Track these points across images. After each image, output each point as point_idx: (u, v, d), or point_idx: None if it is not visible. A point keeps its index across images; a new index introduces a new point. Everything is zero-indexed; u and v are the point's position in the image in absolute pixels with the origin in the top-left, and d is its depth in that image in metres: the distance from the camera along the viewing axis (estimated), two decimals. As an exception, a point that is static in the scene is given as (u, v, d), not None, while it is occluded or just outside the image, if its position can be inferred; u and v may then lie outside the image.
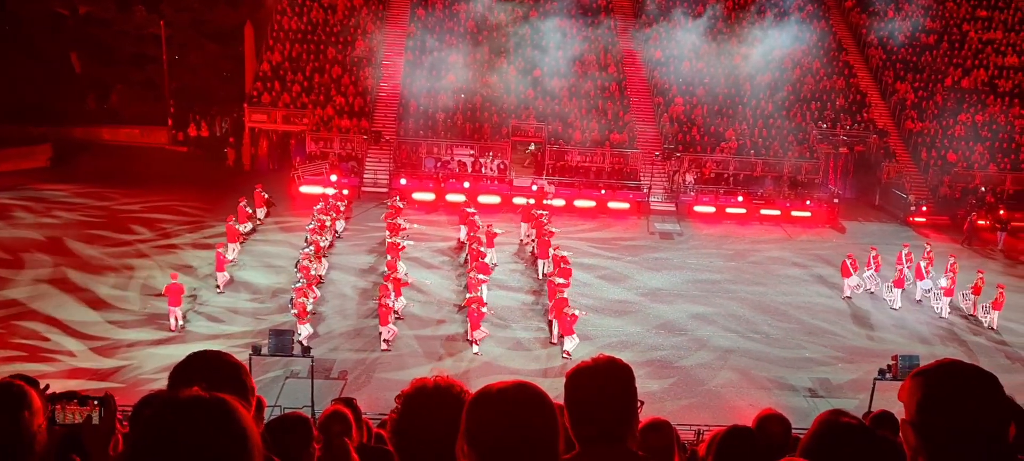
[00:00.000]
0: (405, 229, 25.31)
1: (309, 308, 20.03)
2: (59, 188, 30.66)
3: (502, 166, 33.32)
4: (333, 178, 31.44)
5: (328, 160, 33.10)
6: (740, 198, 32.55)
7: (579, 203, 31.73)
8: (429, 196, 31.41)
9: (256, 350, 16.12)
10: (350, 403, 6.35)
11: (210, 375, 2.72)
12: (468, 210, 27.05)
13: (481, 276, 21.65)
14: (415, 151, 33.82)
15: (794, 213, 32.16)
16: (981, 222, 32.21)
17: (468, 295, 20.92)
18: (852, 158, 36.09)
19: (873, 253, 25.35)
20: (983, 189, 33.91)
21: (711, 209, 32.32)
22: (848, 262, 24.67)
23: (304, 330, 19.39)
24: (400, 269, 22.38)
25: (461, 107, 34.87)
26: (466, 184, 31.65)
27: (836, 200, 33.02)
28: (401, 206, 27.76)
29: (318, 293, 21.68)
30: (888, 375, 16.25)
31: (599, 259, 26.90)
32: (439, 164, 33.37)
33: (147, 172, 33.40)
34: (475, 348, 19.78)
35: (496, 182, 32.71)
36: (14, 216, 27.61)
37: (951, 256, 25.34)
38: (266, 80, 35.17)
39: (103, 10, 38.12)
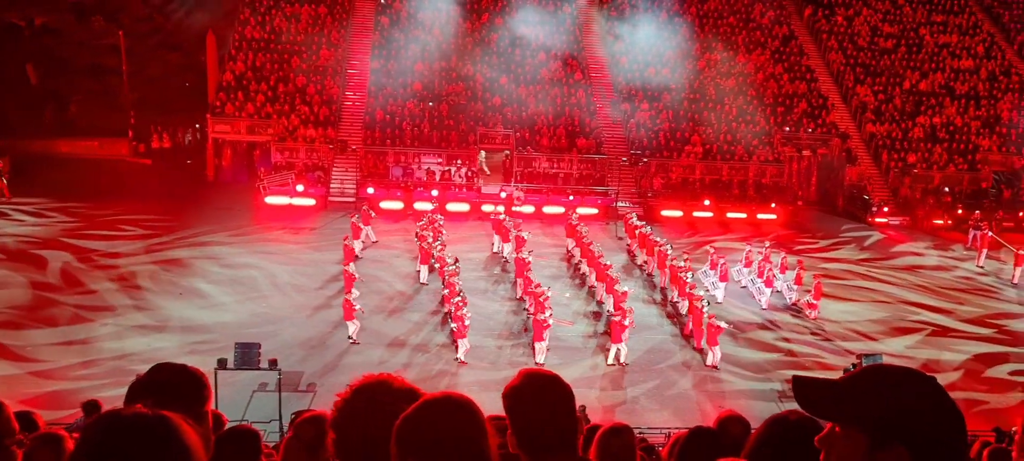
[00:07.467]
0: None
1: (467, 322, 19.52)
2: (18, 203, 29.92)
3: (470, 174, 33.26)
4: (299, 188, 31.14)
5: (294, 170, 32.78)
6: (707, 202, 32.91)
7: (548, 209, 31.79)
8: (397, 205, 31.25)
9: (222, 364, 15.89)
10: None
11: (169, 388, 2.66)
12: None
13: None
14: (382, 160, 33.64)
15: (760, 216, 32.62)
16: (938, 221, 32.96)
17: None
18: (815, 161, 36.68)
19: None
20: (947, 189, 34.72)
21: (678, 213, 32.62)
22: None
23: (465, 344, 19.37)
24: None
25: (428, 115, 34.77)
26: (434, 192, 31.54)
27: (800, 202, 33.55)
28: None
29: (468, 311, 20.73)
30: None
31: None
32: (404, 172, 33.24)
33: (110, 185, 32.68)
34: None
35: (465, 190, 32.65)
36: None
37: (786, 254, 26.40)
38: (229, 90, 34.73)
39: (60, 21, 37.37)
